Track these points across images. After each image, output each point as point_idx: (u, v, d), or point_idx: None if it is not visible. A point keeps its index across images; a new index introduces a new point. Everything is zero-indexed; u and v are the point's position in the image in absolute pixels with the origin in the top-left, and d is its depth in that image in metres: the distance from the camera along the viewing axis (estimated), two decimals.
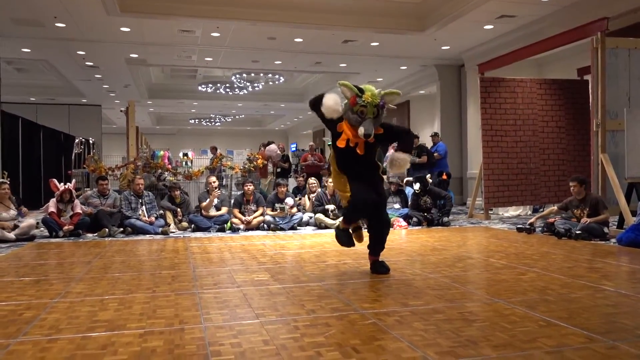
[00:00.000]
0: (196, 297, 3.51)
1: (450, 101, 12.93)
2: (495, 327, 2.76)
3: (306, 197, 8.51)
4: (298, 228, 7.83)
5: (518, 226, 7.17)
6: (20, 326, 2.87)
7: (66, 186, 7.31)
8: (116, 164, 10.46)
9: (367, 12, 9.29)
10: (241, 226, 7.63)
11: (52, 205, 7.15)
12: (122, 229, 7.31)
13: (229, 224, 7.64)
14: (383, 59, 12.31)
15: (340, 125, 4.13)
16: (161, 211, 7.87)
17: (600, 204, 6.35)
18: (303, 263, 4.84)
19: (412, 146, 4.41)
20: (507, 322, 2.84)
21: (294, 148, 25.23)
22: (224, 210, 7.96)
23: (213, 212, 7.88)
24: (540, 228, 6.91)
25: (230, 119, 25.31)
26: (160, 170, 10.07)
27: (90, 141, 15.03)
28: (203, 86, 16.27)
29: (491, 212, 9.25)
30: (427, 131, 13.95)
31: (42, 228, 7.27)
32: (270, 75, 15.01)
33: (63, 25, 9.47)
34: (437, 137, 10.97)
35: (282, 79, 15.58)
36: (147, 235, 7.23)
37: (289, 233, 7.40)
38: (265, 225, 7.77)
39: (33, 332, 2.76)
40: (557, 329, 2.72)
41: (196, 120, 25.53)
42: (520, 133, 8.96)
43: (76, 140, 13.91)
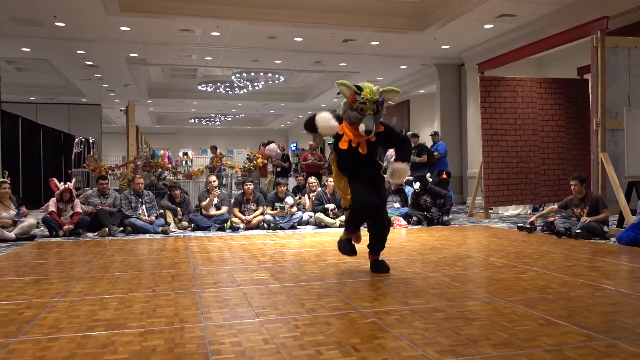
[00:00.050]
0: (196, 296, 3.51)
1: (450, 100, 12.93)
2: (495, 326, 2.76)
3: (306, 196, 8.51)
4: (298, 227, 7.83)
5: (519, 225, 7.17)
6: (20, 325, 2.87)
7: (66, 185, 7.31)
8: (116, 164, 10.46)
9: (367, 12, 9.29)
10: (241, 225, 7.64)
11: (52, 204, 7.15)
12: (122, 228, 7.32)
13: (229, 223, 7.64)
14: (383, 58, 12.31)
15: (340, 127, 4.13)
16: (161, 210, 7.88)
17: (600, 203, 6.36)
18: (303, 262, 4.84)
19: (410, 155, 4.44)
20: (507, 321, 2.85)
21: (294, 147, 25.23)
22: (224, 209, 7.97)
23: (213, 212, 7.89)
24: (540, 227, 6.92)
25: (230, 119, 25.30)
26: (160, 169, 10.08)
27: (90, 140, 15.03)
28: (203, 85, 16.27)
29: (491, 211, 9.25)
30: (427, 130, 13.96)
31: (42, 227, 7.28)
32: (270, 74, 15.01)
33: (63, 24, 9.47)
34: (437, 136, 10.97)
35: (282, 78, 15.58)
36: (147, 234, 7.23)
37: (289, 232, 7.41)
38: (265, 224, 7.77)
39: (33, 331, 2.76)
40: (557, 328, 2.72)
41: (196, 119, 25.52)
42: (520, 132, 8.96)
43: (76, 139, 13.91)
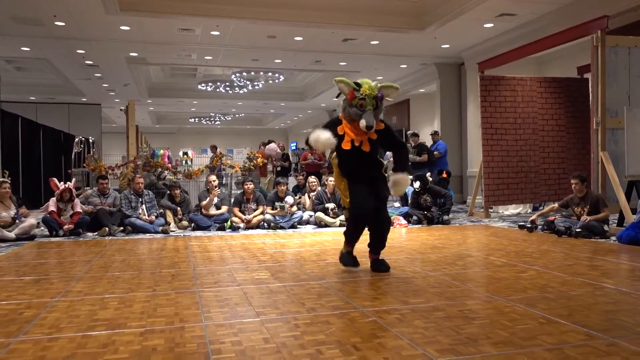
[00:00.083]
0: (196, 296, 3.51)
1: (450, 99, 12.92)
2: (495, 325, 2.76)
3: (306, 196, 8.51)
4: (298, 226, 7.83)
5: (520, 224, 7.18)
6: (20, 325, 2.87)
7: (66, 185, 7.31)
8: (116, 163, 10.46)
9: (367, 11, 9.29)
10: (241, 225, 7.63)
11: (52, 204, 7.15)
12: (122, 228, 7.32)
13: (229, 223, 7.64)
14: (383, 58, 12.30)
15: (340, 128, 4.13)
16: (161, 210, 7.88)
17: (600, 202, 6.36)
18: (303, 261, 4.84)
19: (409, 162, 4.44)
20: (507, 320, 2.85)
21: (294, 147, 25.22)
22: (224, 209, 7.97)
23: (213, 211, 7.89)
24: (540, 226, 6.92)
25: (230, 118, 25.29)
26: (160, 169, 10.08)
27: (90, 140, 15.03)
28: (203, 85, 16.26)
29: (491, 210, 9.25)
30: (427, 129, 13.95)
31: (43, 227, 7.28)
32: (270, 73, 15.00)
33: (63, 23, 9.47)
34: (437, 136, 10.96)
35: (282, 78, 15.57)
36: (147, 234, 7.23)
37: (289, 232, 7.41)
38: (265, 223, 7.77)
39: (34, 331, 2.76)
40: (557, 327, 2.72)
41: (196, 119, 25.51)
42: (520, 131, 8.95)
43: (76, 139, 13.91)
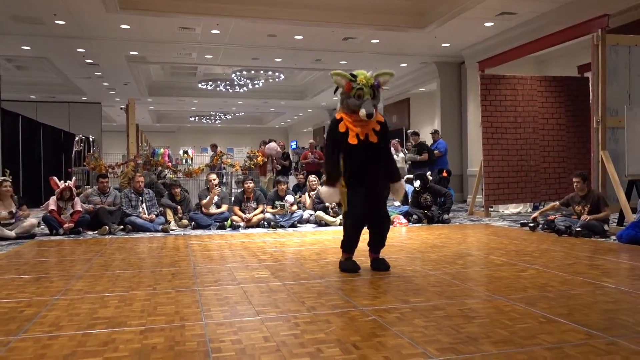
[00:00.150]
0: (196, 294, 3.51)
1: (450, 98, 12.91)
2: (495, 324, 2.76)
3: (306, 195, 8.51)
4: (298, 225, 7.83)
5: (521, 222, 7.17)
6: (21, 323, 2.88)
7: (66, 184, 7.31)
8: (116, 162, 10.46)
9: (368, 9, 9.28)
10: (241, 224, 7.63)
11: (53, 203, 7.15)
12: (123, 227, 7.31)
13: (229, 222, 7.64)
14: (383, 56, 12.29)
15: (341, 125, 4.13)
16: (161, 209, 7.87)
17: (601, 202, 6.35)
18: (303, 260, 4.84)
19: (399, 173, 4.50)
20: (507, 319, 2.85)
21: (294, 146, 25.22)
22: (224, 207, 7.97)
23: (213, 210, 7.89)
24: (540, 225, 6.92)
25: (230, 117, 25.28)
26: (160, 167, 10.08)
27: (90, 139, 15.03)
28: (203, 84, 16.26)
29: (491, 210, 9.25)
30: (428, 128, 13.94)
31: (43, 226, 7.28)
32: (270, 72, 15.00)
33: (63, 22, 9.46)
34: (438, 135, 10.96)
35: (282, 77, 15.57)
36: (148, 232, 7.24)
37: (289, 230, 7.41)
38: (265, 222, 7.77)
39: (34, 330, 2.76)
40: (557, 326, 2.72)
41: (196, 117, 25.50)
42: (520, 130, 8.95)
43: (76, 138, 13.90)
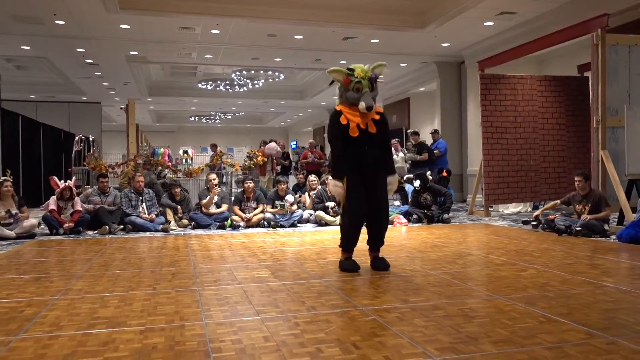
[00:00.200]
0: (196, 294, 3.51)
1: (450, 98, 12.91)
2: (495, 324, 2.76)
3: (306, 195, 8.51)
4: (298, 225, 7.84)
5: (523, 219, 7.18)
6: (21, 323, 2.88)
7: (66, 184, 7.31)
8: (116, 162, 10.46)
9: (368, 9, 9.28)
10: (241, 223, 7.64)
11: (53, 202, 7.15)
12: (123, 227, 7.31)
13: (229, 222, 7.64)
14: (383, 56, 12.26)
15: (342, 118, 4.16)
16: (161, 208, 7.88)
17: (602, 201, 6.34)
18: (303, 260, 4.84)
19: (394, 165, 4.53)
20: (507, 319, 2.85)
21: (294, 145, 25.23)
22: (224, 207, 7.97)
23: (213, 210, 7.89)
24: (541, 225, 6.91)
25: (230, 117, 25.28)
26: (160, 167, 10.08)
27: (90, 139, 15.03)
28: (203, 83, 16.26)
29: (491, 209, 9.25)
30: (427, 128, 13.94)
31: (43, 225, 7.28)
32: (270, 72, 14.99)
33: (63, 22, 9.46)
34: (437, 134, 10.95)
35: (282, 76, 15.56)
36: (148, 232, 7.24)
37: (289, 230, 7.41)
38: (265, 222, 7.77)
39: (34, 329, 2.76)
40: (557, 325, 2.72)
41: (196, 117, 25.50)
42: (520, 130, 8.95)
43: (76, 137, 13.90)
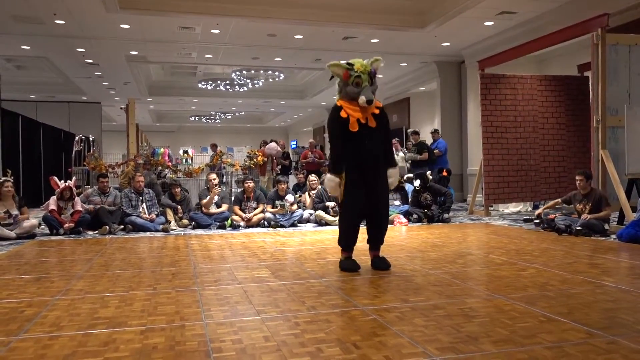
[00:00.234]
0: (197, 294, 3.51)
1: (450, 98, 12.91)
2: (495, 323, 2.76)
3: (306, 194, 8.51)
4: (298, 225, 7.84)
5: (525, 217, 7.17)
6: (21, 323, 2.88)
7: (66, 184, 7.31)
8: (116, 162, 10.46)
9: (368, 9, 9.28)
10: (241, 223, 7.64)
11: (53, 203, 7.15)
12: (123, 227, 7.31)
13: (230, 221, 7.64)
14: (383, 56, 11.95)
15: (342, 112, 4.18)
16: (161, 208, 7.88)
17: (603, 201, 6.34)
18: (303, 260, 4.85)
19: (394, 159, 4.55)
20: (508, 318, 2.85)
21: (294, 145, 25.23)
22: (225, 207, 7.97)
23: (213, 210, 7.89)
24: (535, 226, 6.92)
25: (230, 116, 25.28)
26: (160, 167, 10.08)
27: (90, 139, 15.03)
28: (203, 83, 16.26)
29: (491, 209, 9.25)
30: (428, 128, 13.93)
31: (43, 226, 7.28)
32: (270, 72, 14.99)
33: (63, 22, 9.46)
34: (438, 134, 10.95)
35: (282, 76, 15.56)
36: (148, 232, 7.24)
37: (290, 230, 7.41)
38: (265, 222, 7.77)
39: (34, 330, 2.77)
40: (557, 325, 2.72)
41: (196, 117, 25.50)
42: (520, 129, 8.94)
43: (76, 137, 13.91)
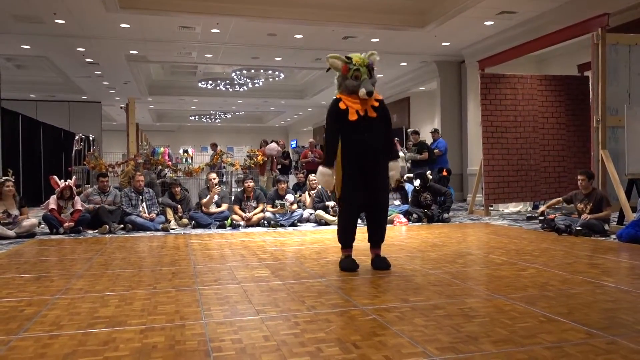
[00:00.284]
0: (197, 294, 3.51)
1: (450, 97, 12.92)
2: (495, 323, 2.76)
3: (306, 194, 8.51)
4: (298, 224, 7.84)
5: (527, 215, 7.17)
6: (21, 322, 2.88)
7: (66, 183, 7.31)
8: (116, 161, 10.45)
9: (368, 8, 9.28)
10: (241, 223, 7.64)
11: (53, 202, 7.15)
12: (123, 226, 7.32)
13: (230, 221, 7.64)
14: (383, 55, 12.07)
15: (341, 104, 4.21)
16: (161, 208, 7.88)
17: (604, 201, 6.34)
18: (303, 259, 4.85)
19: (398, 153, 4.58)
20: (507, 318, 2.85)
21: (294, 145, 25.22)
22: (225, 207, 7.97)
23: (213, 209, 7.89)
24: (540, 225, 6.92)
25: (230, 116, 25.28)
26: (160, 167, 10.08)
27: (90, 138, 15.02)
28: (203, 83, 16.26)
29: (491, 209, 9.25)
30: (428, 127, 13.92)
31: (43, 225, 7.28)
32: (270, 71, 14.99)
33: (63, 21, 9.46)
34: (438, 134, 10.95)
35: (282, 76, 15.56)
36: (148, 231, 7.24)
37: (289, 229, 7.41)
38: (265, 221, 7.77)
39: (34, 329, 2.77)
40: (557, 325, 2.72)
41: (196, 117, 25.51)
42: (520, 129, 8.95)
43: (76, 137, 13.89)
